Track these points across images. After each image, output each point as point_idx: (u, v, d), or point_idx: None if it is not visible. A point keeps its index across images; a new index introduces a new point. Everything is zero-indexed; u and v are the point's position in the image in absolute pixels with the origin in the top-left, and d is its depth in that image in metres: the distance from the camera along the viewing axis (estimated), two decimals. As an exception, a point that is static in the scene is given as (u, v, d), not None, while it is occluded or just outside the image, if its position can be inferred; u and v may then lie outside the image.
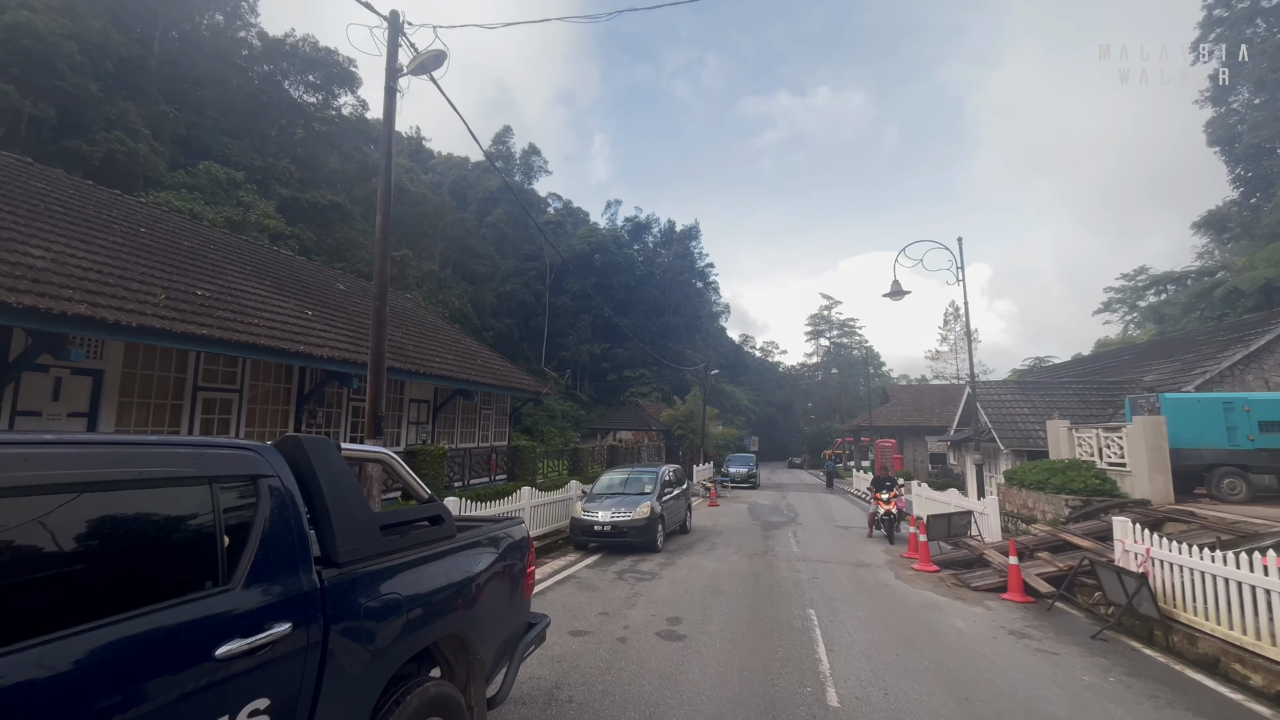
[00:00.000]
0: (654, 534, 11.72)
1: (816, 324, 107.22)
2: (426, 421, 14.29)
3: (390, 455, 3.14)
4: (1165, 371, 17.61)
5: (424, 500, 3.27)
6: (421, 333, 15.53)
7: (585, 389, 73.02)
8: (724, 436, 48.75)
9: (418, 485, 3.28)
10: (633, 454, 24.43)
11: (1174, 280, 58.89)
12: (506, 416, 18.32)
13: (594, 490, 13.07)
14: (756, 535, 14.59)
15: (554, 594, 8.40)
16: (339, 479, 2.63)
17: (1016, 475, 14.19)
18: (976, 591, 8.95)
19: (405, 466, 3.24)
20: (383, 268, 8.34)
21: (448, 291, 53.75)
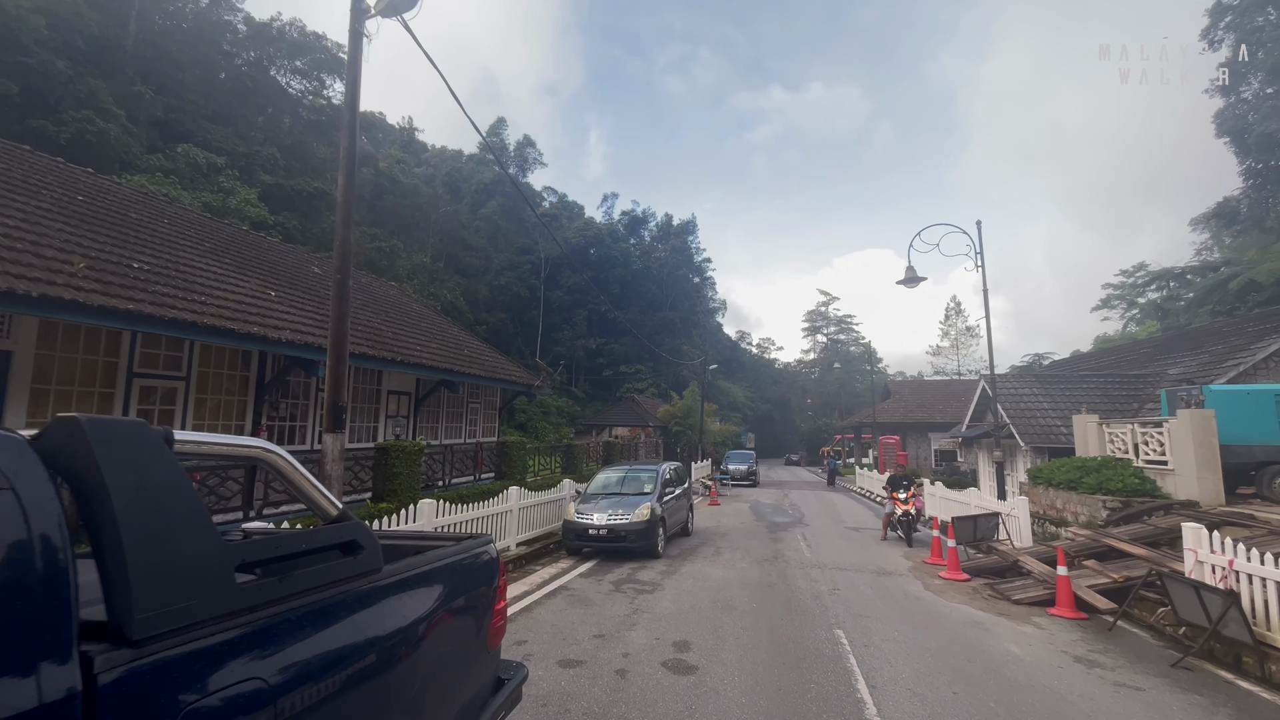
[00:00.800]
0: (654, 538, 10.67)
1: (814, 320, 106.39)
2: (407, 415, 13.19)
3: (272, 450, 2.06)
4: (1192, 364, 16.67)
5: (330, 518, 2.20)
6: (403, 320, 14.42)
7: (581, 385, 71.96)
8: (722, 433, 47.81)
9: (320, 495, 2.20)
10: (629, 451, 23.39)
11: (1174, 276, 58.36)
12: (496, 411, 17.23)
13: (589, 490, 12.01)
14: (763, 538, 13.57)
15: (542, 610, 7.34)
16: (153, 490, 1.56)
17: (1043, 474, 13.21)
18: (1019, 605, 7.94)
19: (299, 467, 2.15)
20: (344, 234, 7.24)
21: (439, 284, 52.54)
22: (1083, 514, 11.47)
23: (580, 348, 69.83)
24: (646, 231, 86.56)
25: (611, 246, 76.01)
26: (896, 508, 13.02)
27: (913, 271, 15.79)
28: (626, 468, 12.77)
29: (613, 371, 70.55)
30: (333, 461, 6.80)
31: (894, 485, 13.41)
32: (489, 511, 9.64)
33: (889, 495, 13.61)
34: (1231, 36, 37.72)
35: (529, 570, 9.75)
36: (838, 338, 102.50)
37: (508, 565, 9.65)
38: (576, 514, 10.85)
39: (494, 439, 16.91)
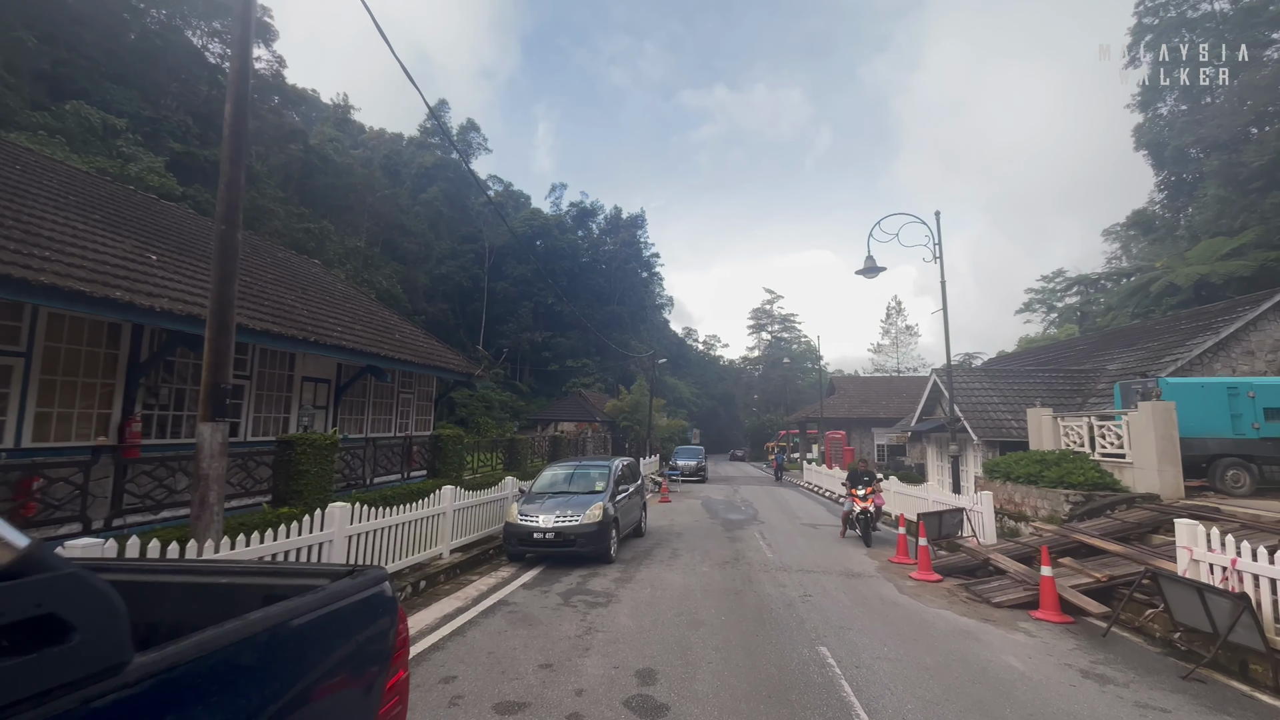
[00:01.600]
0: (607, 541, 9.65)
1: (759, 318, 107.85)
2: (326, 405, 11.63)
3: None
4: (1130, 360, 17.09)
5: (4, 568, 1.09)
6: (324, 299, 12.78)
7: (526, 379, 70.00)
8: (670, 428, 47.24)
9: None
10: (577, 446, 22.26)
11: (1089, 282, 62.26)
12: (431, 403, 15.76)
13: (534, 489, 10.85)
14: (720, 537, 12.79)
15: (477, 633, 6.19)
16: None
17: (1000, 468, 13.02)
18: (1000, 609, 7.40)
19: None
20: (233, 176, 5.83)
21: (375, 270, 49.56)
22: (1043, 508, 11.25)
23: (525, 341, 67.84)
24: (595, 224, 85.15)
25: (559, 238, 74.25)
26: (855, 504, 12.39)
27: (872, 261, 15.42)
28: (575, 464, 11.69)
29: (559, 366, 68.96)
30: (211, 457, 5.43)
31: (853, 481, 12.72)
32: (417, 515, 8.36)
33: (848, 492, 12.95)
34: (1150, 56, 40.11)
35: (464, 581, 8.54)
36: (781, 335, 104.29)
37: (439, 576, 8.41)
38: (520, 516, 9.69)
39: (428, 433, 15.47)
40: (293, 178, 51.89)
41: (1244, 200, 29.35)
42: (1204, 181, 35.61)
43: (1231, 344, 15.04)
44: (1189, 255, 29.54)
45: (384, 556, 7.56)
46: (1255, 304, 15.27)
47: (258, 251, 13.52)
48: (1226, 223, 30.36)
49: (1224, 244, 27.86)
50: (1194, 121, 36.60)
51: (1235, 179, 29.82)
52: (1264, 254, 26.52)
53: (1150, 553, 7.77)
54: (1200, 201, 33.63)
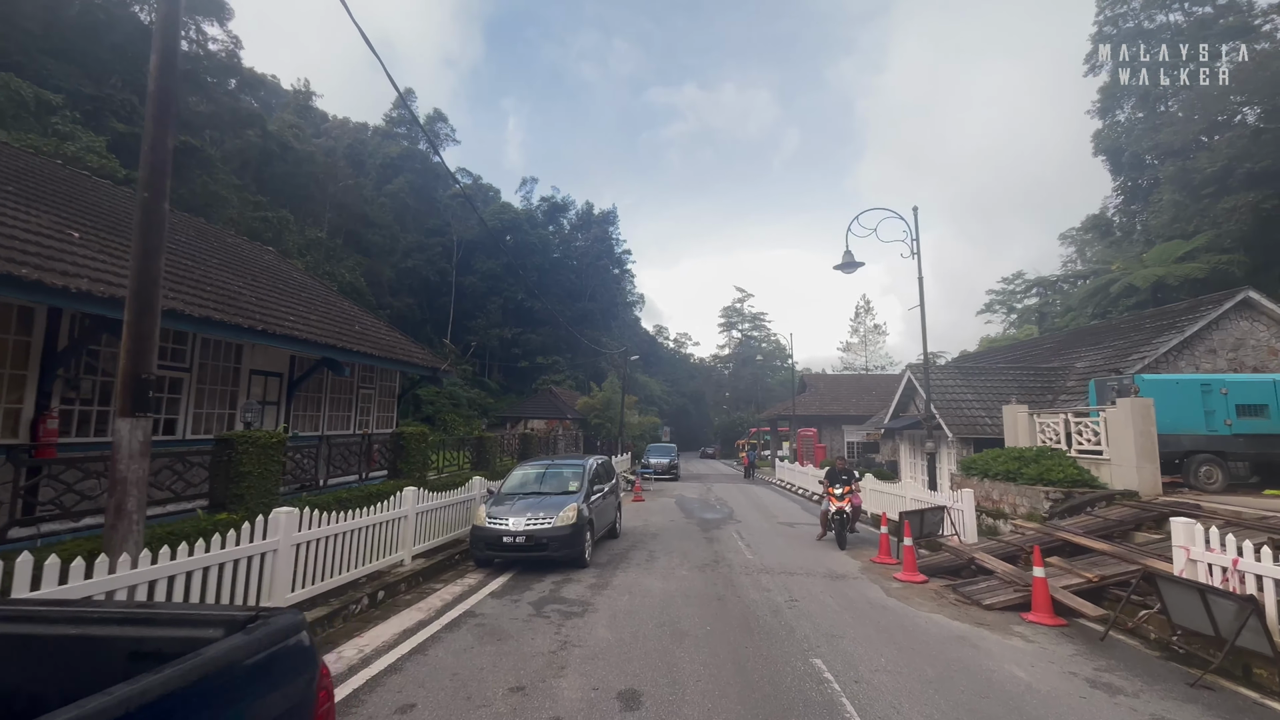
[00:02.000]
0: (581, 545, 9.13)
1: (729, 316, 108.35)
2: (277, 401, 10.79)
3: None
4: (1097, 358, 17.32)
5: None
6: (275, 286, 11.90)
7: (495, 376, 68.79)
8: (641, 426, 46.85)
9: None
10: (548, 444, 21.62)
11: (1047, 284, 64.34)
12: (394, 399, 14.96)
13: (503, 489, 10.24)
14: (697, 538, 12.39)
15: (439, 650, 5.61)
16: None
17: (977, 465, 12.94)
18: (990, 611, 7.15)
19: None
20: (158, 137, 5.11)
21: (337, 263, 47.85)
22: (1022, 506, 11.16)
23: (495, 337, 66.62)
24: (566, 220, 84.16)
25: (529, 232, 73.08)
26: (832, 504, 11.84)
27: (850, 256, 15.22)
28: (547, 463, 11.11)
29: (529, 363, 67.91)
30: (130, 459, 4.71)
31: (831, 480, 12.16)
32: (375, 520, 7.70)
33: (825, 491, 12.41)
34: (1110, 64, 41.33)
35: (427, 590, 7.91)
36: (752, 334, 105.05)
37: (400, 585, 7.77)
38: (488, 518, 9.09)
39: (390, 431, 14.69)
40: (250, 164, 49.72)
41: (1197, 205, 30.36)
42: (1159, 187, 36.84)
43: (1195, 342, 15.32)
44: (1146, 258, 30.44)
45: (337, 566, 6.90)
46: (1217, 304, 15.58)
47: (204, 236, 12.54)
48: (1181, 226, 31.39)
49: (1179, 247, 28.76)
50: (1150, 128, 37.83)
51: (1189, 184, 30.84)
52: (1215, 257, 27.45)
53: (1138, 551, 7.63)
54: (1156, 206, 34.74)
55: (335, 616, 6.36)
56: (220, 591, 5.11)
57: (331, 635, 5.98)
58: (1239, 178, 28.18)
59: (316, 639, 5.52)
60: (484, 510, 9.29)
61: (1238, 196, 28.07)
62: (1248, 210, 27.58)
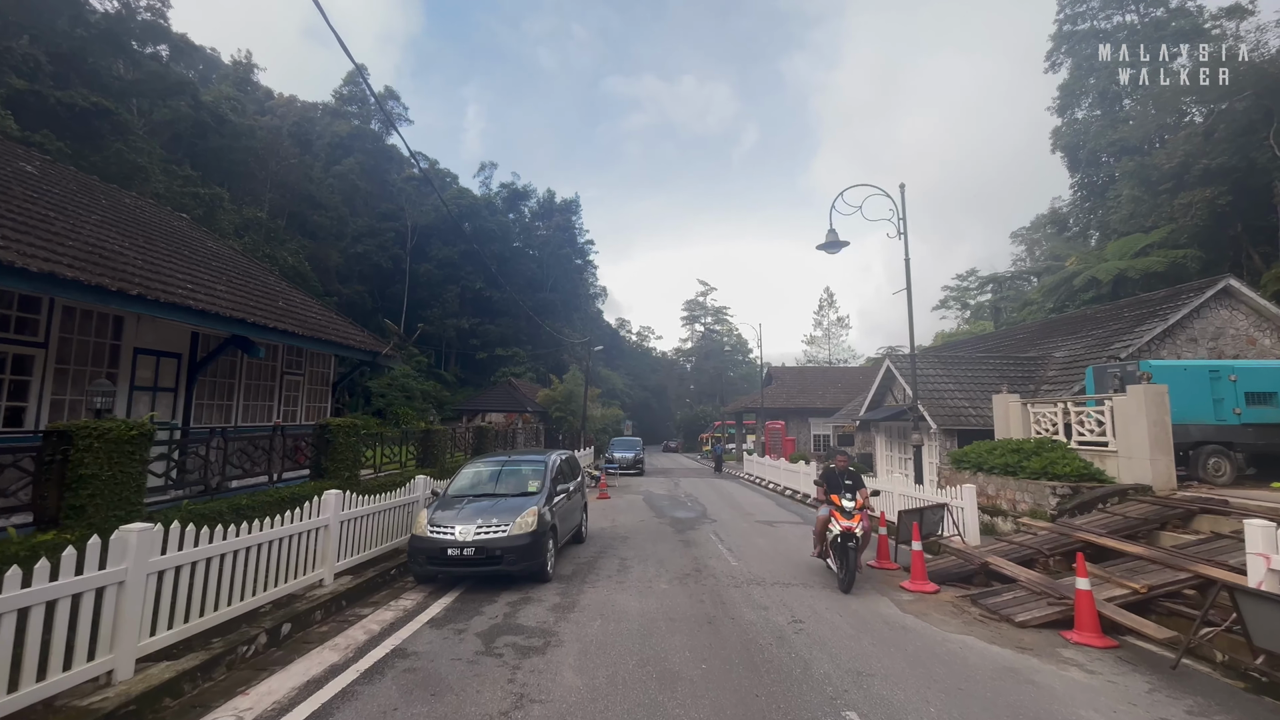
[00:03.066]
0: (542, 556, 7.73)
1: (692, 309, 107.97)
2: (174, 387, 8.96)
3: None
4: (1077, 347, 16.88)
5: None
6: (176, 251, 10.02)
7: (452, 367, 66.17)
8: (604, 419, 45.48)
9: None
10: (506, 438, 20.01)
11: (999, 281, 65.93)
12: (329, 388, 13.17)
13: (449, 490, 8.73)
14: (673, 541, 11.14)
15: (351, 711, 4.15)
16: None
17: (970, 458, 12.10)
18: (1025, 629, 6.12)
19: None
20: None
21: (279, 245, 44.67)
22: (1024, 502, 10.32)
23: (451, 327, 63.94)
24: (527, 208, 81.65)
25: (489, 219, 70.43)
26: (837, 522, 7.76)
27: (834, 235, 14.20)
28: (503, 459, 9.64)
29: (488, 354, 65.56)
30: None
31: (830, 485, 8.29)
32: (281, 533, 6.13)
33: (822, 498, 8.47)
34: (1070, 61, 42.00)
35: (350, 618, 6.39)
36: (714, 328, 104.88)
37: (315, 613, 6.23)
38: (430, 526, 7.58)
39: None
40: (182, 139, 45.93)
41: (1154, 200, 30.85)
42: (1115, 183, 37.56)
43: (1177, 331, 14.92)
44: (1107, 251, 30.79)
45: (226, 595, 5.33)
46: (1199, 291, 15.24)
47: (89, 191, 10.50)
48: (1138, 222, 31.89)
49: (1140, 240, 29.13)
50: (1108, 125, 38.57)
51: (1147, 180, 31.32)
52: (1173, 252, 27.84)
53: (1182, 556, 6.73)
54: (1114, 202, 35.32)
55: (216, 664, 4.81)
56: (22, 653, 3.53)
57: (205, 694, 4.44)
58: (1195, 174, 28.67)
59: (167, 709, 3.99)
60: (425, 516, 7.78)
61: (1194, 192, 28.56)
62: (1203, 206, 28.08)
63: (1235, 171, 27.92)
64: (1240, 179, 27.94)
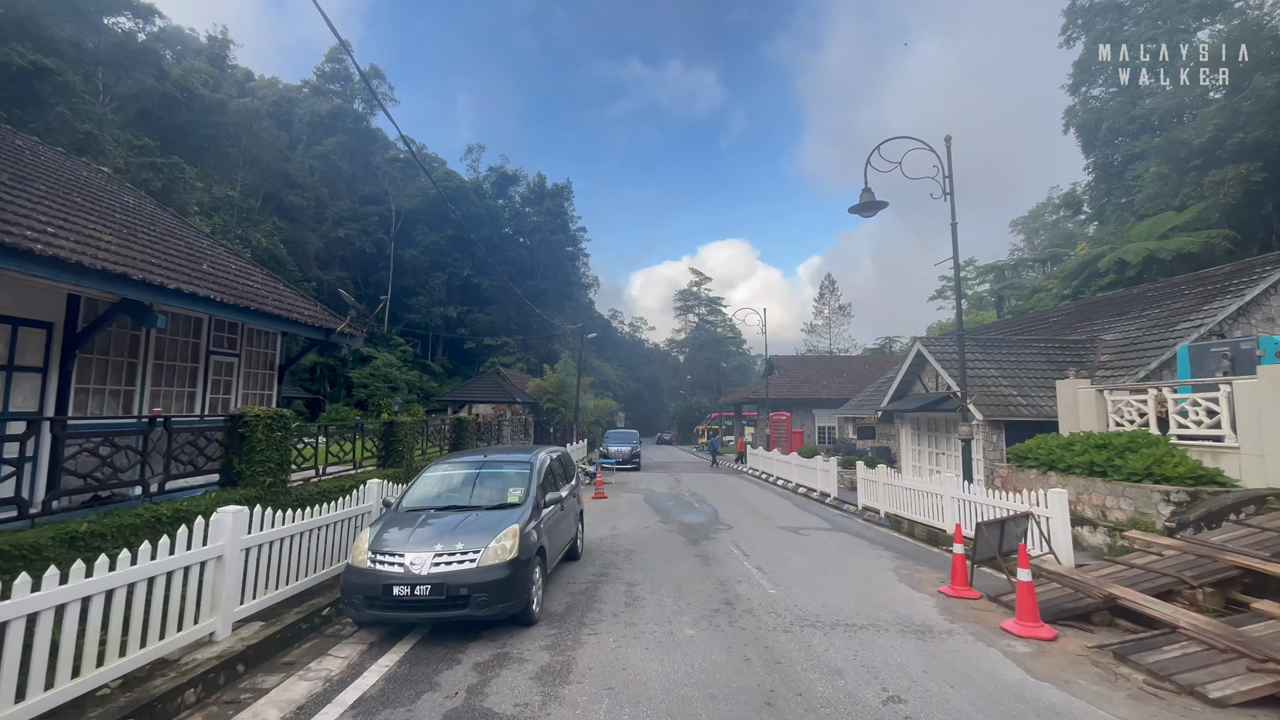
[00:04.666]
0: (525, 593, 5.72)
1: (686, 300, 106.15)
2: (42, 366, 6.84)
3: None
4: (1131, 328, 15.05)
5: None
6: (53, 191, 7.86)
7: (439, 358, 63.93)
8: (597, 410, 43.51)
9: None
10: (491, 432, 17.96)
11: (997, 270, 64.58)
12: (274, 372, 11.06)
13: (404, 500, 6.67)
14: (687, 556, 9.18)
15: None
16: None
17: (1037, 454, 10.20)
18: (1222, 709, 4.20)
19: None
20: None
21: (252, 226, 42.17)
22: (1118, 509, 8.43)
23: (439, 316, 61.66)
24: (517, 192, 79.04)
25: (477, 204, 67.90)
26: None
27: (870, 195, 12.27)
28: (479, 458, 7.60)
29: (476, 344, 63.36)
30: None
31: None
32: (128, 579, 4.08)
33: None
34: (1085, 37, 40.11)
35: (244, 696, 4.36)
36: (708, 319, 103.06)
37: (186, 692, 4.19)
38: (372, 554, 5.55)
39: (270, 415, 10.86)
40: (149, 113, 43.22)
41: (1183, 178, 29.10)
42: (1133, 163, 35.80)
43: (1252, 309, 13.09)
44: (1132, 233, 29.07)
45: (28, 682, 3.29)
46: (1277, 264, 13.42)
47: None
48: (1164, 201, 30.18)
49: (1170, 219, 27.40)
50: (1127, 102, 36.74)
51: (1175, 157, 29.55)
52: (1207, 232, 26.12)
53: None
54: (1134, 182, 33.55)
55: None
56: None
57: None
58: (1229, 149, 26.93)
59: None
60: (367, 539, 5.74)
61: (1226, 169, 26.83)
62: (1237, 182, 26.36)
63: (1271, 147, 26.20)
64: (1275, 155, 26.23)
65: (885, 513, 12.88)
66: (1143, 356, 13.41)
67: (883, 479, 13.21)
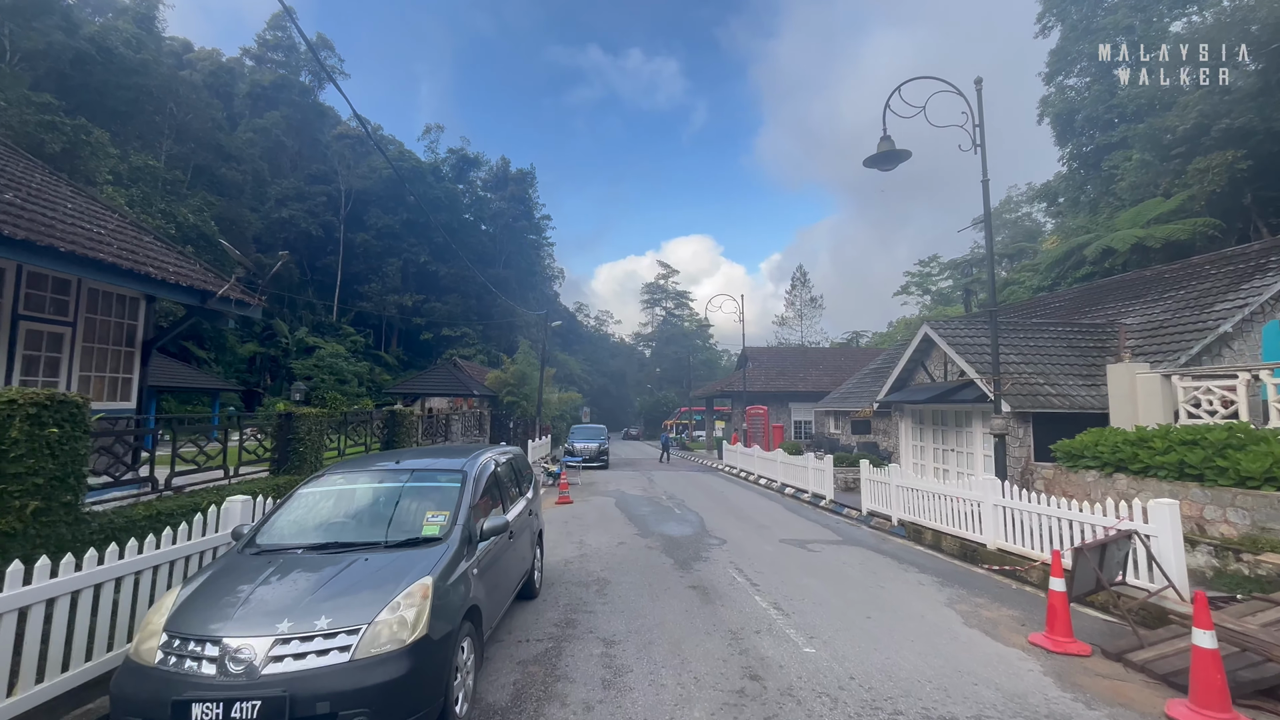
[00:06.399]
0: (437, 695, 3.44)
1: (653, 293, 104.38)
2: None
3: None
4: (1155, 312, 13.61)
5: None
6: None
7: (393, 349, 60.23)
8: (563, 404, 41.06)
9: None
10: (438, 427, 15.46)
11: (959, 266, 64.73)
12: (136, 349, 8.43)
13: (259, 536, 4.30)
14: (679, 590, 7.04)
15: None
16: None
17: (1096, 451, 8.42)
18: None
19: None
20: None
21: (177, 200, 38.06)
22: (1228, 524, 6.66)
23: (392, 304, 57.96)
24: (478, 177, 75.53)
25: (435, 186, 64.23)
26: None
27: (890, 143, 10.34)
28: (390, 465, 5.23)
29: (433, 335, 59.95)
30: None
31: None
32: None
33: None
34: (1060, 26, 39.55)
35: None
36: (676, 313, 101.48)
37: None
38: (169, 639, 3.19)
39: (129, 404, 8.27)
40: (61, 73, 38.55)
41: (1165, 166, 28.43)
42: (1110, 153, 35.31)
43: (1292, 289, 11.71)
44: (1118, 221, 28.31)
45: None
46: (1320, 239, 12.07)
47: None
48: (1144, 190, 29.53)
49: (1157, 206, 26.65)
50: (1105, 91, 36.20)
51: (1158, 144, 28.86)
52: (1195, 220, 25.39)
53: None
54: (1111, 171, 32.94)
55: None
56: None
57: None
58: (1214, 136, 26.27)
59: None
60: (165, 609, 3.38)
61: (1211, 156, 26.16)
62: (1222, 170, 25.70)
63: (1255, 134, 25.61)
64: (1260, 143, 25.66)
65: (899, 520, 11.02)
66: (1179, 340, 11.89)
67: (895, 481, 11.35)
